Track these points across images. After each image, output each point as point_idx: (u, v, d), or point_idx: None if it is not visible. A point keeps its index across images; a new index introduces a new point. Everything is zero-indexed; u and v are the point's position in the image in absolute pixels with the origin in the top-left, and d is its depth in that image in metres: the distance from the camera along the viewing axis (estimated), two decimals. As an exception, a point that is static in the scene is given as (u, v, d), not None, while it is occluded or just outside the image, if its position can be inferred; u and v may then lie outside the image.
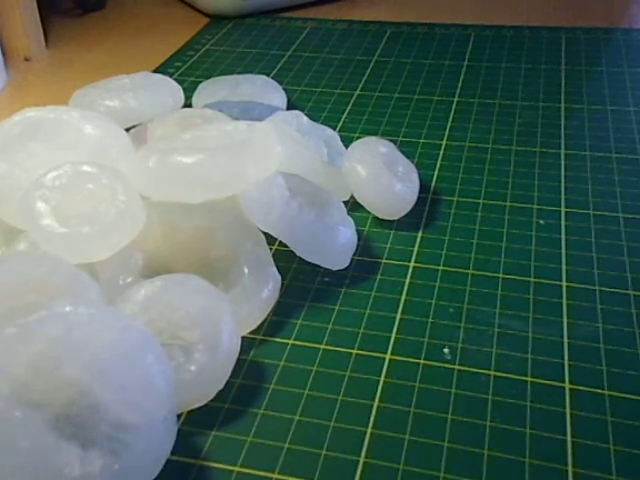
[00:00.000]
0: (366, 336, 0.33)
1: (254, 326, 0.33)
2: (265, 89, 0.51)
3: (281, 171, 0.36)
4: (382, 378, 0.31)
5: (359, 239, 0.38)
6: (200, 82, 0.53)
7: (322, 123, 0.46)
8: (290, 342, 0.33)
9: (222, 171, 0.33)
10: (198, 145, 0.35)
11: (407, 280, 0.36)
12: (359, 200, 0.40)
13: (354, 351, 0.32)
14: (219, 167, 0.33)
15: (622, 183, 0.43)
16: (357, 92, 0.55)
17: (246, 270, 0.33)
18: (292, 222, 0.34)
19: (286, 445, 0.28)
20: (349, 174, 0.39)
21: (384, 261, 0.37)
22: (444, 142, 0.48)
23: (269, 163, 0.35)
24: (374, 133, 0.49)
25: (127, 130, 0.41)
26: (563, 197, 0.42)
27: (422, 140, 0.48)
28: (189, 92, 0.52)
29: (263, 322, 0.33)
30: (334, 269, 0.36)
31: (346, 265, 0.36)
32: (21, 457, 0.22)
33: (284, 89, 0.52)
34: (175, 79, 0.54)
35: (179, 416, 0.29)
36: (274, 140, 0.36)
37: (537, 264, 0.37)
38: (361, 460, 0.27)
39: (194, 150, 0.34)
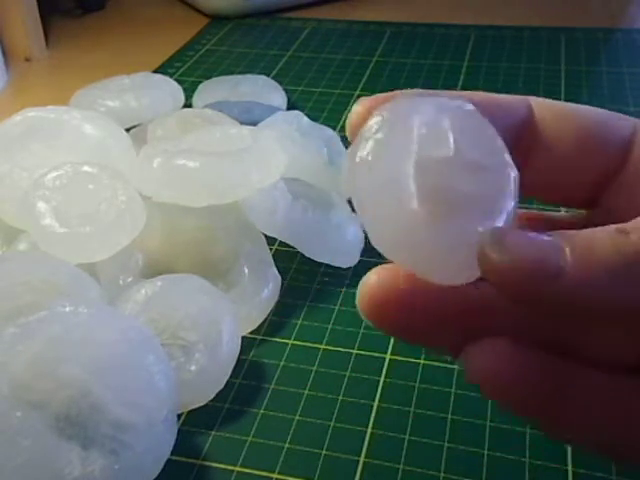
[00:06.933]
0: (366, 336, 0.33)
1: (254, 326, 0.33)
2: (265, 89, 0.51)
3: (282, 174, 0.36)
4: (382, 378, 0.31)
5: (359, 239, 0.38)
6: (200, 82, 0.53)
7: (322, 123, 0.46)
8: (290, 342, 0.33)
9: (226, 177, 0.33)
10: (201, 148, 0.35)
11: (407, 280, 0.36)
12: (359, 200, 0.40)
13: (354, 351, 0.32)
14: (223, 173, 0.33)
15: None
16: (357, 92, 0.55)
17: (246, 270, 0.33)
18: (297, 224, 0.34)
19: (286, 445, 0.28)
20: (349, 174, 0.39)
21: (384, 261, 0.37)
22: (444, 142, 0.48)
23: (272, 171, 0.35)
24: (374, 133, 0.48)
25: (127, 130, 0.41)
26: (563, 197, 0.42)
27: (422, 140, 0.48)
28: (189, 92, 0.52)
29: (263, 322, 0.33)
30: (344, 267, 0.36)
31: (356, 262, 0.36)
32: (21, 457, 0.22)
33: (284, 89, 0.52)
34: (175, 79, 0.54)
35: (179, 416, 0.29)
36: (277, 148, 0.36)
37: (537, 264, 0.37)
38: (361, 460, 0.27)
39: (198, 154, 0.34)
